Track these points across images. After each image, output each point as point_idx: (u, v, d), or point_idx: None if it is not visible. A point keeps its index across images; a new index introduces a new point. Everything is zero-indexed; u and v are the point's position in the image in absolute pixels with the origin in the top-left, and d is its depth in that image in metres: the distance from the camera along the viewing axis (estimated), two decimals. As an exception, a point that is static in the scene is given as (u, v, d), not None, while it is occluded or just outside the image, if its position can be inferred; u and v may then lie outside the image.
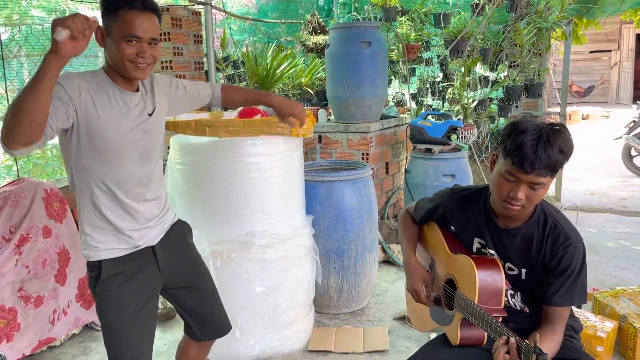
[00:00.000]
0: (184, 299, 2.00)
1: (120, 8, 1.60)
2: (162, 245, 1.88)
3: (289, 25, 6.51)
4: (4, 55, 3.95)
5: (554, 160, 1.53)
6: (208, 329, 2.08)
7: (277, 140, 2.67)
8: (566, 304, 1.68)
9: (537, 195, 1.61)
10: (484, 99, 4.95)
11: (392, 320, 3.17)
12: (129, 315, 1.78)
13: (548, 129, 1.55)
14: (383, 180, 4.70)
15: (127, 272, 1.78)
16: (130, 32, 1.61)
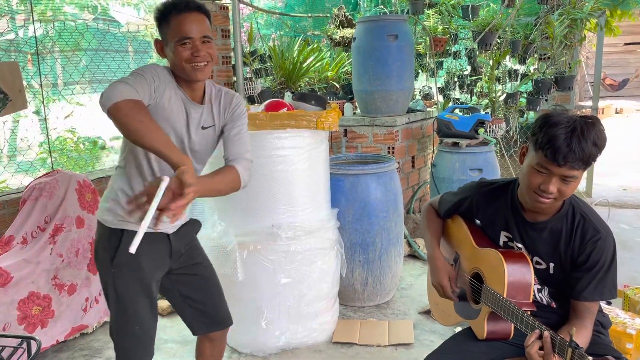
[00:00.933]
0: (186, 285, 1.99)
1: (169, 14, 1.68)
2: (176, 233, 1.91)
3: (315, 19, 6.52)
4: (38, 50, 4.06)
5: (587, 154, 1.51)
6: (207, 319, 2.05)
7: (303, 133, 2.69)
8: (595, 299, 1.66)
9: (569, 189, 1.58)
10: (513, 92, 4.87)
11: (417, 314, 3.17)
12: (142, 289, 1.82)
13: (582, 122, 1.52)
14: (409, 174, 4.68)
15: (143, 248, 1.80)
16: (182, 34, 1.67)
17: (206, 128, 1.85)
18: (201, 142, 1.86)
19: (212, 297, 2.05)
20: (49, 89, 4.19)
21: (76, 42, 4.34)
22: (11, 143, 4.25)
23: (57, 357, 2.83)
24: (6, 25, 4.33)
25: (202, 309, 2.03)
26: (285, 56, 5.12)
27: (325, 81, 5.51)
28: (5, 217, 3.32)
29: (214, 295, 2.06)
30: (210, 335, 2.09)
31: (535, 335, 1.50)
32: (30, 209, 2.87)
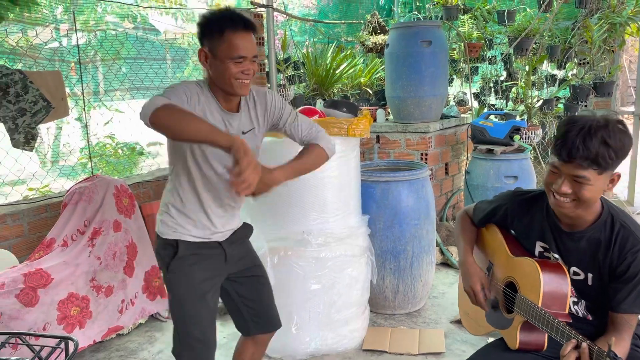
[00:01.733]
0: (243, 287, 2.06)
1: (226, 30, 1.70)
2: (230, 241, 1.97)
3: (349, 26, 6.54)
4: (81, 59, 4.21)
5: (593, 152, 1.48)
6: (259, 321, 2.12)
7: (334, 140, 2.68)
8: (635, 312, 1.61)
9: (586, 192, 1.54)
10: (550, 98, 4.77)
11: (449, 323, 3.13)
12: (199, 295, 1.88)
13: (596, 122, 1.51)
14: (442, 181, 4.63)
15: (199, 255, 1.88)
16: (238, 53, 1.71)
17: (246, 132, 1.90)
18: (252, 144, 1.91)
19: (265, 299, 2.12)
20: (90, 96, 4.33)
21: (116, 51, 4.47)
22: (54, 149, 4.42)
23: (94, 357, 2.92)
24: (50, 35, 4.50)
25: (256, 310, 2.10)
26: (318, 63, 5.15)
27: (358, 87, 5.52)
28: (47, 219, 3.45)
29: (266, 297, 2.13)
30: (257, 337, 2.15)
31: (572, 344, 1.46)
32: (71, 212, 2.97)
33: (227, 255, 1.96)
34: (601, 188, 1.57)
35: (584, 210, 1.63)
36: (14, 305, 2.52)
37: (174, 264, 1.87)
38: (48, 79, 3.04)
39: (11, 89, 2.82)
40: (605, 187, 1.58)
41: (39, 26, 3.96)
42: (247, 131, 1.90)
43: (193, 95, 1.75)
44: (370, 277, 2.96)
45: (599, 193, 1.59)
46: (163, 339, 3.09)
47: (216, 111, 1.81)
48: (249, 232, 2.13)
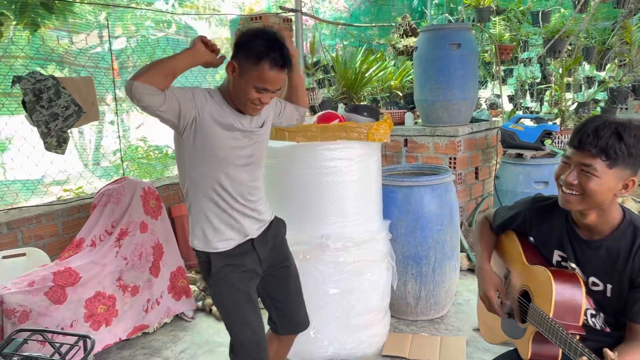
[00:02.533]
0: (272, 286, 2.12)
1: (262, 61, 1.74)
2: (261, 238, 2.03)
3: (381, 29, 6.52)
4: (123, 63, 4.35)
5: (603, 141, 1.47)
6: (286, 322, 2.17)
7: (354, 145, 2.70)
8: None
9: (592, 184, 1.51)
10: (586, 101, 4.62)
11: (472, 331, 3.07)
12: (244, 299, 1.95)
13: (618, 119, 1.51)
14: (472, 186, 4.55)
15: (234, 263, 1.95)
16: (264, 86, 1.77)
17: (262, 126, 1.99)
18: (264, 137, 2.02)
19: (294, 300, 2.17)
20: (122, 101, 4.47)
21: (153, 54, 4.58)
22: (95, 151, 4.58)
23: (119, 354, 3.00)
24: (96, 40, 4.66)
25: (283, 311, 2.15)
26: (347, 66, 5.15)
27: (389, 90, 5.49)
28: (80, 220, 3.58)
29: (295, 299, 2.18)
30: (283, 337, 2.20)
31: None
32: (99, 213, 3.07)
33: (259, 255, 2.01)
34: (610, 186, 1.52)
35: (599, 217, 1.59)
36: (42, 302, 2.62)
37: (214, 278, 1.95)
38: (80, 85, 3.15)
39: (44, 94, 2.95)
40: (616, 187, 1.53)
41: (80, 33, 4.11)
42: (262, 125, 1.98)
43: (199, 97, 1.81)
44: (390, 282, 2.94)
45: (608, 192, 1.53)
46: (186, 339, 3.16)
47: (227, 110, 1.87)
48: (282, 227, 2.18)
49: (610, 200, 1.56)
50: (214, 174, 1.89)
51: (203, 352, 2.99)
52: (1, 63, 3.31)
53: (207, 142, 1.84)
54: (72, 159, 3.80)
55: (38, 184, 3.66)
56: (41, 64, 3.54)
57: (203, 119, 1.81)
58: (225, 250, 1.94)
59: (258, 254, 2.01)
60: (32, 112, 2.92)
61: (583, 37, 4.72)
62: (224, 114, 1.86)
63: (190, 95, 1.79)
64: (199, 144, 1.84)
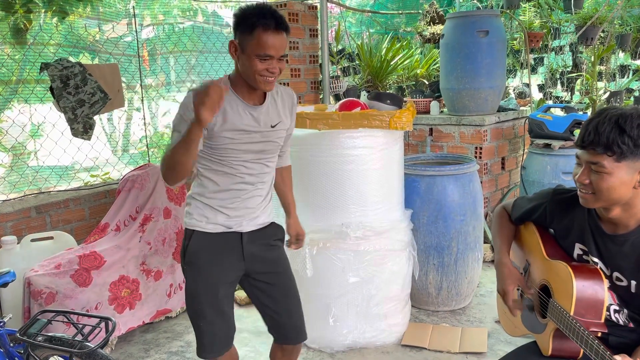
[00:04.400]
0: (264, 293, 2.04)
1: (256, 28, 1.73)
2: (251, 236, 1.96)
3: (408, 16, 6.42)
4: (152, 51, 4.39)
5: (605, 136, 1.43)
6: (280, 331, 2.09)
7: (376, 133, 2.67)
8: None
9: (603, 182, 1.47)
10: (619, 90, 4.48)
11: (494, 323, 3.04)
12: (210, 294, 1.90)
13: (620, 110, 1.47)
14: (498, 176, 4.47)
15: (212, 249, 1.91)
16: (264, 52, 1.74)
17: (275, 125, 1.92)
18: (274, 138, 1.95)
19: (288, 309, 2.06)
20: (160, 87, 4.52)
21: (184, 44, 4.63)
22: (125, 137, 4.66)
23: (143, 337, 3.07)
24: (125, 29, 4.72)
25: (278, 320, 2.05)
26: (373, 54, 5.10)
27: (415, 79, 5.42)
28: (106, 205, 3.65)
29: (289, 308, 2.06)
30: (285, 346, 2.12)
31: None
32: (124, 199, 3.13)
33: (244, 251, 1.94)
34: (624, 180, 1.46)
35: (625, 211, 1.53)
36: (68, 284, 2.69)
37: (189, 257, 1.91)
38: (106, 72, 3.20)
39: (71, 81, 3.00)
40: (631, 180, 1.47)
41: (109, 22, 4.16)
42: (275, 124, 1.92)
43: None
44: (411, 272, 2.92)
45: (623, 187, 1.47)
46: (208, 324, 3.20)
47: (239, 106, 1.84)
48: (279, 233, 2.09)
49: (630, 193, 1.50)
50: (223, 160, 1.86)
51: (224, 337, 3.02)
52: (30, 50, 3.38)
53: (215, 139, 1.82)
54: (100, 145, 3.84)
55: (67, 169, 3.74)
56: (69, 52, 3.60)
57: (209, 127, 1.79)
58: (210, 232, 1.90)
59: (244, 251, 1.94)
60: (60, 98, 2.97)
61: (617, 24, 4.56)
62: (232, 110, 1.83)
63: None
64: (209, 137, 1.82)
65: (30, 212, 3.31)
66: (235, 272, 1.97)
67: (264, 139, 1.90)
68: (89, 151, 3.75)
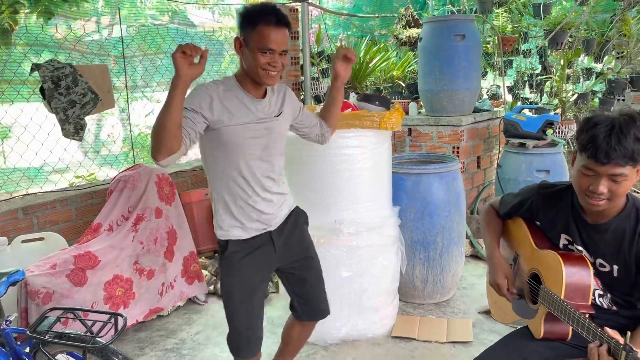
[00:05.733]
0: (292, 278, 2.19)
1: (258, 23, 1.82)
2: (280, 230, 2.08)
3: (382, 19, 6.58)
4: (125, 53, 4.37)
5: (629, 149, 1.52)
6: (308, 310, 2.25)
7: (367, 133, 2.78)
8: None
9: (621, 188, 1.58)
10: (585, 92, 4.73)
11: (477, 314, 3.19)
12: (247, 291, 2.01)
13: (621, 119, 1.54)
14: (474, 175, 4.65)
15: (247, 252, 2.01)
16: (266, 46, 1.82)
17: (278, 116, 2.03)
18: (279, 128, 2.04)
19: (317, 290, 2.23)
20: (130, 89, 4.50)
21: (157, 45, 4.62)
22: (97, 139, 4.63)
23: (136, 335, 3.09)
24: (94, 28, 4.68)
25: (307, 299, 2.22)
26: (351, 56, 5.21)
27: (391, 80, 5.56)
28: (93, 206, 3.65)
29: (315, 289, 2.23)
30: (305, 322, 2.28)
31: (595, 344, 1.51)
32: (116, 199, 3.15)
33: (275, 247, 2.06)
34: (634, 181, 1.61)
35: (610, 203, 1.67)
36: (65, 284, 2.70)
37: (224, 261, 2.02)
38: (96, 73, 3.21)
39: (62, 82, 3.00)
40: (636, 179, 1.62)
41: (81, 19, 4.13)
42: (278, 115, 2.02)
43: (204, 101, 1.83)
44: (400, 266, 3.04)
45: (631, 186, 1.63)
46: (200, 321, 3.25)
47: (243, 97, 1.92)
48: (302, 217, 2.22)
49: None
50: (232, 164, 1.94)
51: (218, 333, 3.08)
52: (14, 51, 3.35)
53: (222, 136, 1.89)
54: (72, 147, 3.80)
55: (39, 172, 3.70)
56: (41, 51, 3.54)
57: (213, 119, 1.86)
58: (242, 238, 2.00)
59: (275, 245, 2.06)
60: (51, 99, 2.97)
61: (583, 30, 4.81)
62: (238, 103, 1.91)
63: (197, 108, 1.82)
64: (215, 137, 1.90)
65: (17, 213, 3.29)
66: (269, 267, 2.10)
67: (267, 130, 1.98)
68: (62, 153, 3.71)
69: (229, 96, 1.90)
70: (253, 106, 1.94)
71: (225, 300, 2.05)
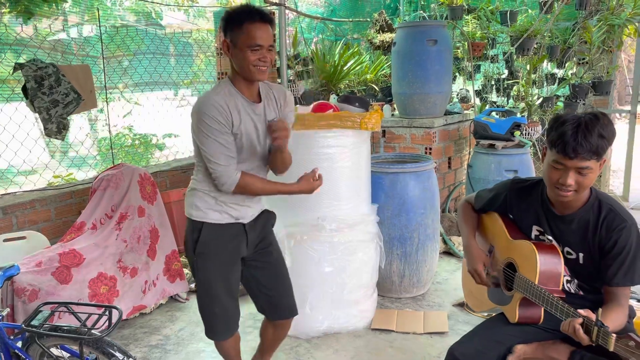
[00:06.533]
0: (259, 273, 2.25)
1: (244, 22, 1.91)
2: (252, 224, 2.17)
3: (355, 23, 6.72)
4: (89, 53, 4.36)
5: (594, 145, 1.68)
6: (274, 308, 2.31)
7: (347, 133, 2.90)
8: (626, 284, 1.79)
9: (587, 180, 1.74)
10: (550, 96, 4.97)
11: (452, 306, 3.34)
12: (223, 278, 2.10)
13: (586, 118, 1.71)
14: (445, 175, 4.83)
15: (222, 239, 2.09)
16: (254, 42, 1.91)
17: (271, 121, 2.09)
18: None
19: (280, 287, 2.30)
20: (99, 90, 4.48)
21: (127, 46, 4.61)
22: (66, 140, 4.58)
23: (120, 333, 3.12)
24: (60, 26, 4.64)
25: (272, 297, 2.28)
26: (326, 59, 5.33)
27: (365, 83, 5.70)
28: (72, 205, 3.65)
29: (282, 285, 2.30)
30: (277, 322, 2.35)
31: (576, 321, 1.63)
32: (100, 198, 3.18)
33: (248, 240, 2.15)
34: (597, 173, 1.77)
35: (576, 195, 1.83)
36: (50, 282, 2.72)
37: (200, 248, 2.07)
38: (78, 73, 3.23)
39: (45, 82, 3.02)
40: (598, 172, 1.78)
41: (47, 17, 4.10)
42: (271, 120, 2.10)
43: (225, 116, 1.94)
44: (379, 261, 3.16)
45: (595, 178, 1.79)
46: (183, 318, 3.30)
47: (243, 105, 2.01)
48: (272, 219, 2.30)
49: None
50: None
51: (201, 329, 3.08)
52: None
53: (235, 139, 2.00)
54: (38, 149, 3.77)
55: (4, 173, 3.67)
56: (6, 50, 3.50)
57: (234, 130, 1.97)
58: (219, 223, 2.07)
59: (247, 237, 2.15)
60: (34, 98, 2.98)
61: (548, 37, 5.05)
62: (242, 110, 2.00)
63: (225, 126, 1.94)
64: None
65: (-3, 213, 3.27)
66: (239, 258, 2.16)
67: (263, 135, 2.07)
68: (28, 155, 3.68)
69: (233, 103, 1.98)
70: (253, 113, 2.03)
71: (200, 288, 2.13)
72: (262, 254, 2.25)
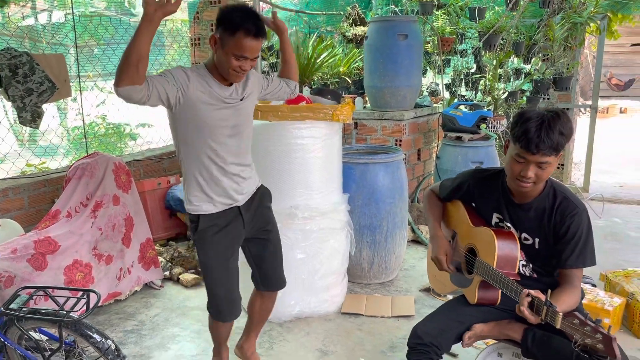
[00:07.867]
0: (255, 248, 2.40)
1: (238, 30, 1.94)
2: (247, 205, 2.28)
3: (329, 16, 6.80)
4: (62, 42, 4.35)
5: (555, 142, 1.81)
6: (266, 280, 2.47)
7: (320, 124, 2.99)
8: (579, 266, 1.94)
9: (545, 173, 1.88)
10: (515, 91, 5.16)
11: (418, 292, 3.49)
12: (222, 260, 2.21)
13: (549, 116, 1.83)
14: (414, 166, 4.98)
15: (218, 225, 2.19)
16: (242, 54, 1.97)
17: (242, 99, 2.18)
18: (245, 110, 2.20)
19: (274, 262, 2.46)
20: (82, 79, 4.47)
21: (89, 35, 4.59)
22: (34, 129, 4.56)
23: (95, 319, 3.17)
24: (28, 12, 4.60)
25: (267, 270, 2.44)
26: (300, 51, 5.41)
27: (338, 76, 5.80)
28: (45, 194, 3.67)
29: (276, 261, 2.46)
30: (264, 293, 2.50)
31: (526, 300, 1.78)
32: (75, 186, 3.20)
33: (244, 221, 2.26)
34: (555, 166, 1.91)
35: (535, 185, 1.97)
36: (26, 268, 2.75)
37: (198, 236, 2.19)
38: (52, 62, 3.24)
39: (20, 70, 3.02)
40: (555, 165, 1.93)
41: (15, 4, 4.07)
42: (242, 98, 2.18)
43: (180, 76, 1.99)
44: (349, 248, 3.28)
45: (552, 171, 1.93)
46: (158, 304, 3.37)
47: (212, 83, 2.07)
48: (267, 195, 2.42)
49: None
50: (203, 143, 2.10)
51: (176, 315, 3.22)
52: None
53: (194, 115, 2.05)
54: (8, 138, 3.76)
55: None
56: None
57: (188, 95, 2.01)
58: (213, 212, 2.18)
59: (243, 219, 2.26)
60: (8, 87, 2.99)
61: (513, 33, 5.23)
62: (209, 88, 2.06)
63: (170, 77, 1.97)
64: (187, 116, 2.05)
65: (-32, 201, 3.27)
66: (239, 240, 2.29)
67: (235, 112, 2.15)
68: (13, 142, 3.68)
69: (202, 80, 2.05)
70: (221, 91, 2.10)
71: (204, 272, 2.25)
72: (261, 232, 2.38)
